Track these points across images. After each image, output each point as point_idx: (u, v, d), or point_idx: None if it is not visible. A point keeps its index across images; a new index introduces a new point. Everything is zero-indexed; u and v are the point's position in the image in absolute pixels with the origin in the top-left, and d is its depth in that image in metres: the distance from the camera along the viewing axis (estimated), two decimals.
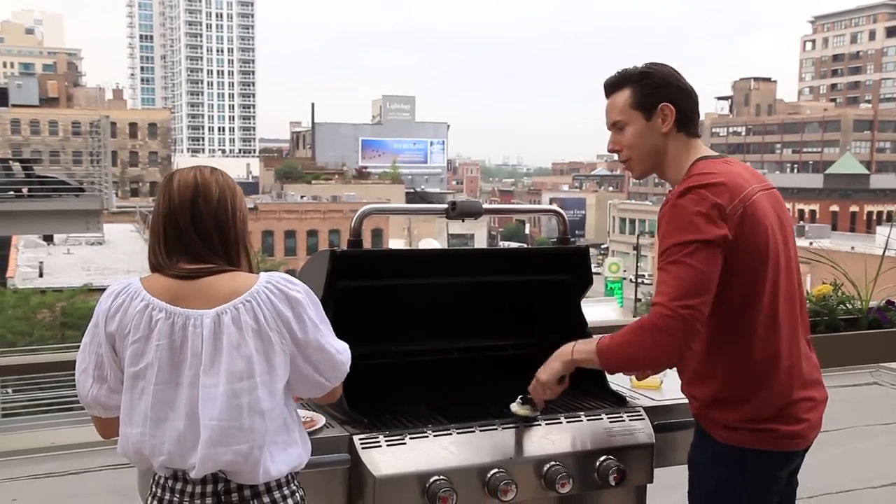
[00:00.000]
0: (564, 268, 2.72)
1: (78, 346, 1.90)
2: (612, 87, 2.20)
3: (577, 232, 75.66)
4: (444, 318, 2.71)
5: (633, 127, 2.15)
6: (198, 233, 1.81)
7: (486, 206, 2.57)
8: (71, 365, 1.93)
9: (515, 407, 2.32)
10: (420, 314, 2.66)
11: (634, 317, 2.65)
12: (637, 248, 48.77)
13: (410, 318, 2.65)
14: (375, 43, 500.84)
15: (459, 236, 53.41)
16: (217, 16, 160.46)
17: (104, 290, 1.90)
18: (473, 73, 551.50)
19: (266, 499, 1.81)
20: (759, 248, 2.03)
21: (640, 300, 39.81)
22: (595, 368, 2.22)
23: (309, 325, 1.82)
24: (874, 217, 57.38)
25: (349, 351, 1.92)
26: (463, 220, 2.55)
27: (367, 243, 2.56)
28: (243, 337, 1.75)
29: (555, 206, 2.86)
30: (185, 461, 1.77)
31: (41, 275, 29.69)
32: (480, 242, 54.87)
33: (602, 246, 71.54)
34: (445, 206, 2.54)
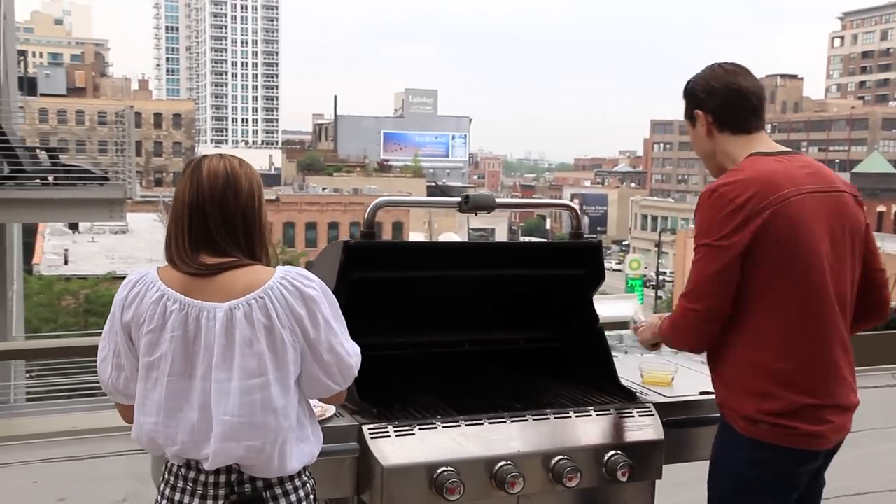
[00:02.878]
0: (577, 262, 2.72)
1: (100, 333, 1.92)
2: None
3: (598, 228, 75.33)
4: (456, 311, 2.72)
5: (690, 134, 2.37)
6: (225, 227, 1.80)
7: (498, 199, 2.57)
8: (92, 350, 1.96)
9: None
10: (432, 306, 2.67)
11: (654, 313, 2.72)
12: (659, 245, 48.46)
13: (422, 310, 2.66)
14: (399, 35, 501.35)
15: (480, 230, 53.34)
16: (242, 7, 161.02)
17: (126, 277, 1.91)
18: (497, 67, 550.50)
19: (278, 490, 1.83)
20: (788, 248, 2.07)
21: (660, 298, 39.57)
22: None
23: (322, 324, 1.80)
24: None
25: (360, 354, 1.89)
26: (476, 214, 2.56)
27: (387, 236, 2.58)
28: (255, 334, 1.75)
29: (567, 201, 2.86)
30: (198, 452, 1.79)
31: (66, 262, 30.04)
32: (501, 237, 54.79)
33: (623, 243, 71.13)
34: (458, 199, 2.55)
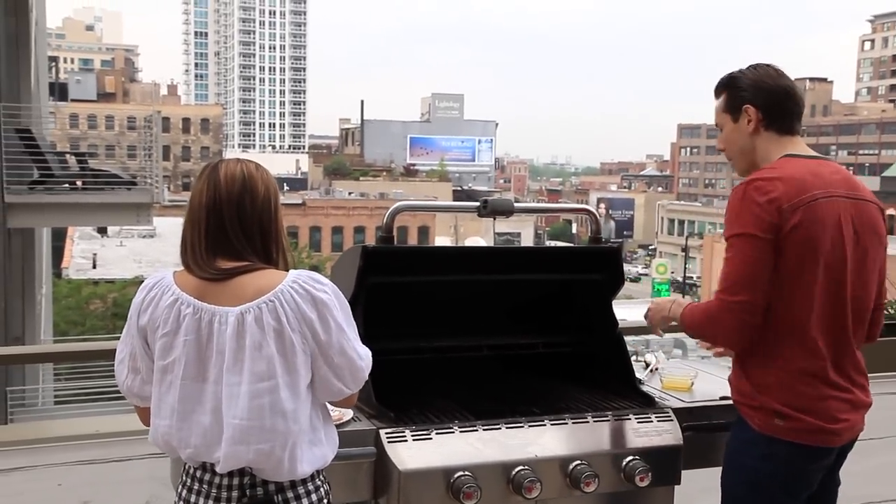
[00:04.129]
0: (597, 267, 2.71)
1: None
2: (715, 92, 2.37)
3: (625, 232, 74.95)
4: (475, 315, 2.72)
5: (727, 129, 2.33)
6: (243, 229, 1.81)
7: (517, 204, 2.57)
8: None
9: None
10: (450, 311, 2.67)
11: None
12: (686, 249, 48.10)
13: (441, 315, 2.66)
14: (426, 39, 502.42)
15: (506, 234, 53.28)
16: (270, 13, 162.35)
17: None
18: (524, 70, 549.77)
19: (290, 493, 1.83)
20: (815, 248, 2.10)
21: None
22: None
23: (333, 327, 1.80)
24: None
25: (371, 357, 1.89)
26: (495, 218, 2.56)
27: (413, 241, 2.59)
28: (265, 337, 1.75)
29: (587, 206, 2.85)
30: (210, 454, 1.80)
31: (94, 266, 30.44)
32: (527, 241, 54.66)
33: (650, 247, 70.69)
34: (477, 203, 2.55)
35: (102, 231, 34.58)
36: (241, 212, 1.81)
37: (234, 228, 1.81)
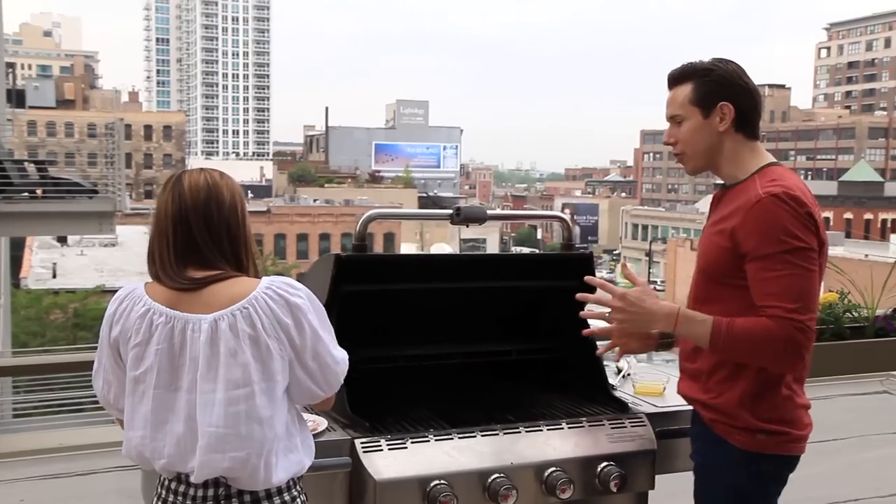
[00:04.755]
0: (569, 273, 2.72)
1: (88, 347, 1.93)
2: (674, 80, 2.18)
3: (589, 238, 75.53)
4: (449, 323, 2.71)
5: (691, 123, 2.14)
6: (211, 236, 1.81)
7: (490, 211, 2.57)
8: (80, 366, 1.97)
9: None
10: (424, 318, 2.66)
11: None
12: (649, 254, 48.61)
13: (415, 323, 2.65)
14: (391, 47, 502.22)
15: (472, 241, 53.36)
16: (233, 19, 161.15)
17: (116, 291, 1.92)
18: (488, 78, 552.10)
19: None
20: (823, 255, 2.06)
21: None
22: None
23: (309, 332, 1.80)
24: (888, 225, 56.97)
25: (347, 361, 1.90)
26: (467, 226, 2.56)
27: (378, 248, 2.58)
28: (240, 344, 1.75)
29: (559, 213, 2.86)
30: (185, 464, 1.78)
31: (54, 276, 29.94)
32: (493, 247, 54.82)
33: (614, 252, 71.31)
34: (450, 211, 2.55)
35: (62, 240, 33.99)
36: (207, 220, 1.81)
37: (203, 236, 1.80)
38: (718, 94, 2.10)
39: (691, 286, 2.23)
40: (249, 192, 61.49)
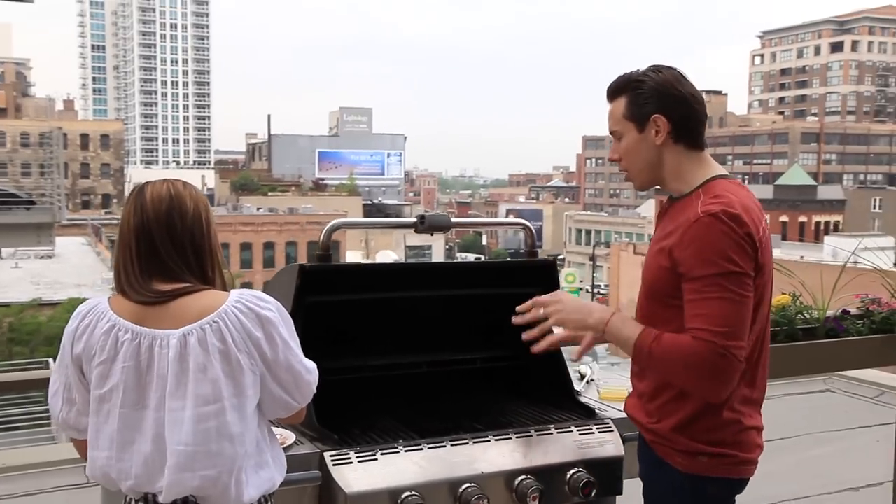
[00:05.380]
0: (532, 281, 2.73)
1: (24, 364, 1.86)
2: (611, 94, 2.10)
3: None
4: (414, 332, 2.70)
5: (628, 138, 2.06)
6: (175, 248, 1.76)
7: (454, 219, 2.57)
8: (20, 385, 1.90)
9: None
10: (389, 328, 2.64)
11: None
12: (593, 258, 49.24)
13: (380, 333, 2.64)
14: (334, 55, 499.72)
15: (417, 248, 53.32)
16: (171, 26, 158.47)
17: (54, 304, 1.86)
18: (432, 85, 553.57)
19: None
20: (765, 282, 1.98)
21: None
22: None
23: (280, 344, 1.77)
24: (821, 227, 58.78)
25: (317, 370, 1.88)
26: (432, 234, 2.55)
27: None
28: (209, 359, 1.70)
29: (523, 221, 2.87)
30: (153, 485, 1.73)
31: None
32: (438, 254, 54.85)
33: (559, 256, 72.01)
34: (414, 219, 2.54)
35: None
36: (171, 230, 1.77)
37: (167, 248, 1.76)
38: (650, 106, 2.01)
39: (636, 307, 2.14)
40: None
